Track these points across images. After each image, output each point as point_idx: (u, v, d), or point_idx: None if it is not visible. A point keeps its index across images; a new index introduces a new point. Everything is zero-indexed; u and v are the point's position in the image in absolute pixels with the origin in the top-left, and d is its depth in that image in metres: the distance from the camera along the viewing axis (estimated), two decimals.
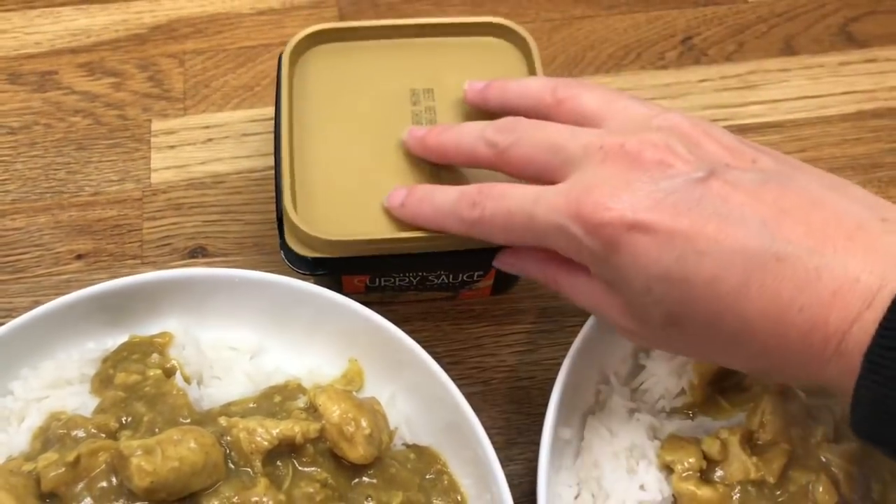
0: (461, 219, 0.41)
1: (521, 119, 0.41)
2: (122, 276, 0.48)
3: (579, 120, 0.40)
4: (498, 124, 0.42)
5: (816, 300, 0.32)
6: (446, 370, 0.48)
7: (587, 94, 0.41)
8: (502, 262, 0.45)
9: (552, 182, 0.39)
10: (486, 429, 0.50)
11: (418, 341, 0.48)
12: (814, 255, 0.33)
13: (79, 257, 0.56)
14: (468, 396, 0.51)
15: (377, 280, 0.50)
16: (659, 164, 0.36)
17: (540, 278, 0.44)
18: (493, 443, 0.50)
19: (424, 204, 0.44)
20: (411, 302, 0.55)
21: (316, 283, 0.50)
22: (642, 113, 0.39)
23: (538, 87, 0.43)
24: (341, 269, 0.47)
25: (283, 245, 0.47)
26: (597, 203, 0.36)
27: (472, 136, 0.43)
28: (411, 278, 0.50)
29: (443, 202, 0.43)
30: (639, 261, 0.35)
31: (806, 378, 0.35)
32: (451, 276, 0.50)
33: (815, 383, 0.34)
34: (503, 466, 0.49)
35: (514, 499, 0.45)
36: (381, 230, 0.46)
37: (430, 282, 0.50)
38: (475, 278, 0.51)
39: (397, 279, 0.50)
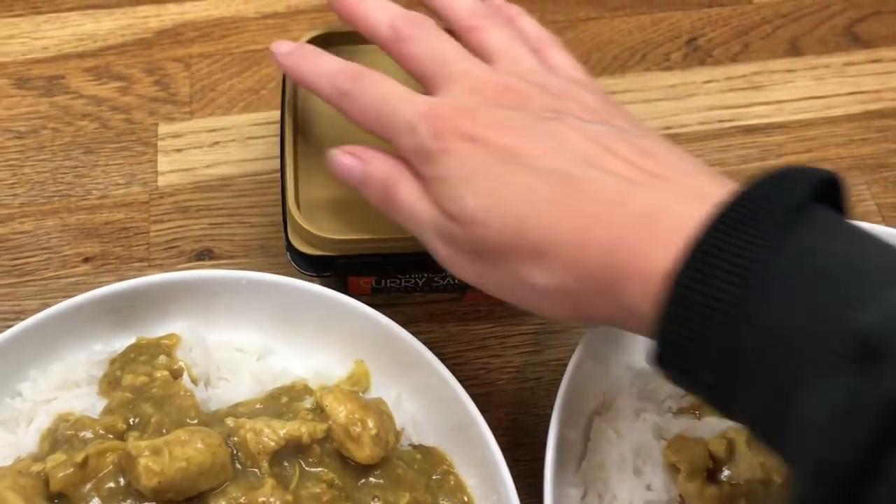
0: (335, 85, 0.43)
1: (433, 23, 0.44)
2: (129, 278, 0.48)
3: (480, 50, 0.43)
4: (410, 15, 0.44)
5: (622, 219, 0.34)
6: (452, 371, 0.48)
7: (495, 32, 0.44)
8: (342, 160, 0.43)
9: (428, 89, 0.42)
10: (492, 430, 0.50)
11: (424, 342, 0.48)
12: (628, 184, 0.35)
13: (86, 260, 0.56)
14: (474, 397, 0.51)
15: (383, 281, 0.50)
16: (517, 103, 0.39)
17: (379, 175, 0.42)
18: (499, 443, 0.50)
19: (308, 61, 0.45)
20: (417, 304, 0.55)
21: (323, 284, 0.50)
22: (529, 67, 0.42)
23: (465, 8, 0.45)
24: (346, 269, 0.47)
25: (289, 246, 0.47)
26: (448, 115, 0.38)
27: (383, 12, 0.44)
28: (417, 279, 0.50)
29: (326, 66, 0.44)
30: (464, 163, 0.37)
31: (607, 306, 0.35)
32: (456, 277, 0.50)
33: (616, 315, 0.35)
34: (509, 467, 0.49)
35: (521, 500, 0.45)
36: (386, 230, 0.46)
37: (436, 283, 0.51)
38: None
39: (403, 280, 0.50)
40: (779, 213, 0.30)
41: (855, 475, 0.26)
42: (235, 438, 0.42)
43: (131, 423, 0.43)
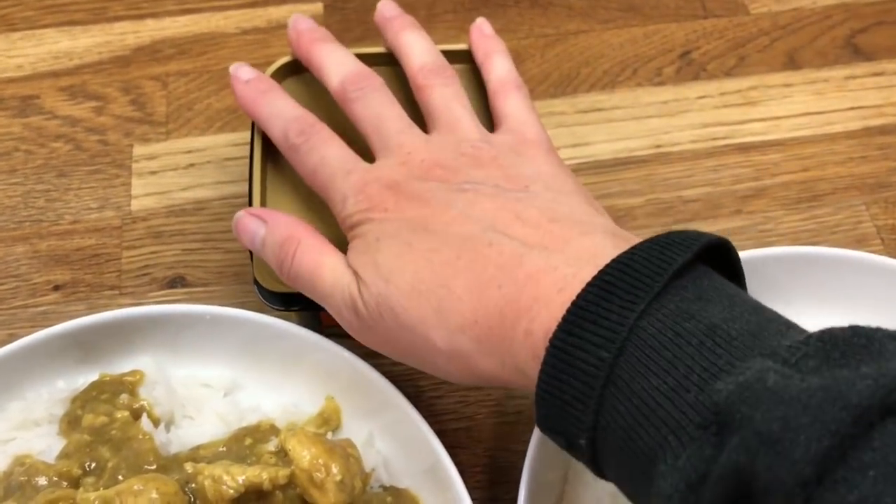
0: (285, 136, 0.44)
1: (381, 84, 0.45)
2: (100, 307, 0.47)
3: (425, 109, 0.45)
4: (361, 74, 0.46)
5: (513, 280, 0.34)
6: (429, 405, 0.46)
7: (439, 91, 0.45)
8: (244, 222, 0.44)
9: (370, 148, 0.44)
10: (469, 467, 0.49)
11: (400, 375, 0.46)
12: (524, 248, 0.35)
13: (56, 288, 0.55)
14: (452, 433, 0.50)
15: None
16: (441, 177, 0.40)
17: (284, 235, 0.42)
18: (477, 482, 0.49)
19: (264, 97, 0.46)
20: None
21: (295, 318, 0.48)
22: (464, 134, 0.43)
23: (418, 63, 0.47)
24: (315, 304, 0.46)
25: (255, 281, 0.45)
26: (375, 192, 0.40)
27: (337, 68, 0.46)
28: None
29: (280, 109, 0.45)
30: (379, 229, 0.39)
31: (502, 367, 0.35)
32: None
33: (509, 377, 0.35)
34: None
35: None
36: None
37: None
38: None
39: None
40: (653, 277, 0.31)
41: None
42: (193, 485, 0.41)
43: (87, 467, 0.42)
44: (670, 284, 0.31)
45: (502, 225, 0.37)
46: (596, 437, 0.31)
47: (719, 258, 0.34)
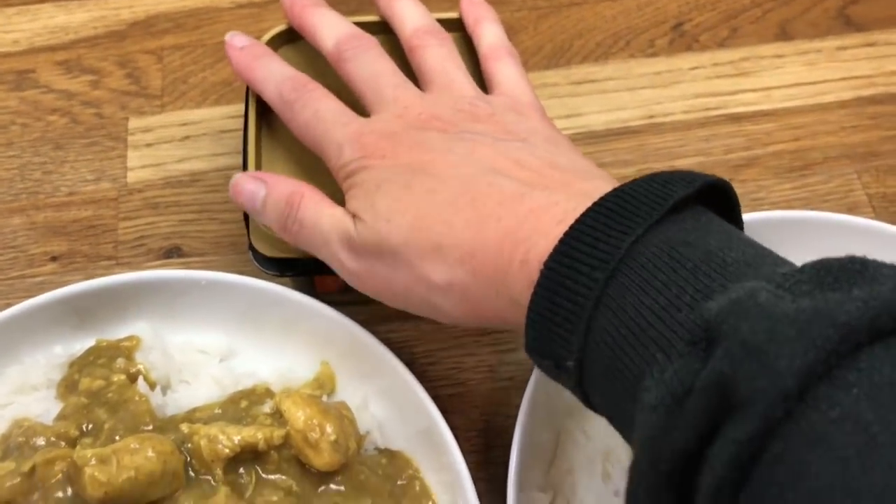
0: (279, 94, 0.45)
1: (375, 44, 0.46)
2: (97, 277, 0.47)
3: (419, 69, 0.46)
4: (355, 35, 0.46)
5: (513, 214, 0.35)
6: (423, 371, 0.47)
7: (433, 52, 0.46)
8: (244, 185, 0.44)
9: (365, 108, 0.44)
10: (464, 431, 0.50)
11: (396, 342, 0.46)
12: (525, 187, 0.36)
13: (53, 259, 0.55)
14: (446, 398, 0.50)
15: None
16: (439, 129, 0.41)
17: (287, 192, 0.43)
18: (471, 445, 0.49)
19: (258, 61, 0.46)
20: None
21: (291, 283, 0.49)
22: (460, 92, 0.43)
23: (411, 25, 0.47)
24: (310, 269, 0.46)
25: (251, 247, 0.46)
26: (372, 141, 0.40)
27: (331, 30, 0.46)
28: None
29: (274, 71, 0.46)
30: (378, 174, 0.39)
31: (498, 300, 0.35)
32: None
33: (507, 315, 0.35)
34: (483, 469, 0.48)
35: (492, 499, 0.44)
36: None
37: None
38: None
39: None
40: (651, 208, 0.31)
41: (680, 461, 0.26)
42: (189, 445, 0.41)
43: (84, 429, 0.42)
44: (668, 216, 0.31)
45: (503, 168, 0.37)
46: (584, 359, 0.31)
47: (719, 204, 0.34)
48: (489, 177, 0.37)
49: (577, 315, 0.31)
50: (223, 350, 0.48)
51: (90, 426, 0.42)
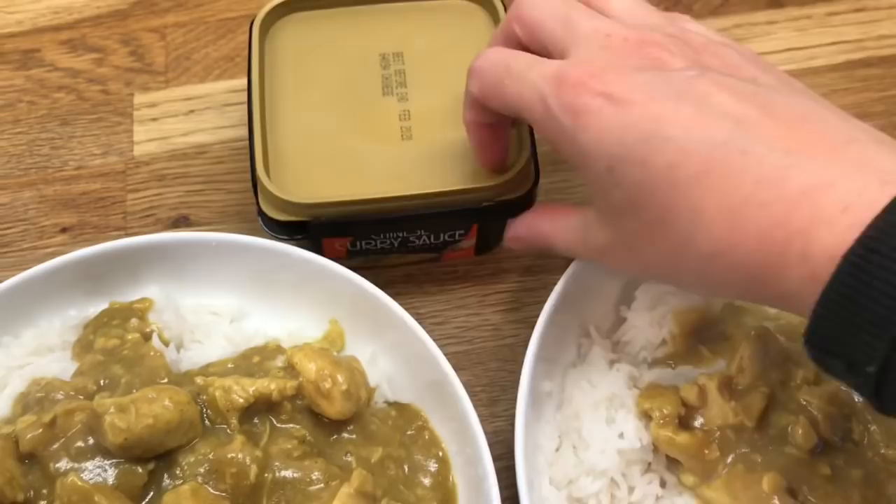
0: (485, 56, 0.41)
1: None
2: None
3: (603, 11, 0.40)
4: None
5: (781, 197, 0.30)
6: (429, 330, 0.48)
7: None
8: (508, 237, 0.47)
9: (556, 57, 0.39)
10: (471, 386, 0.51)
11: (402, 304, 0.48)
12: (786, 156, 0.31)
13: (63, 230, 0.56)
14: (453, 356, 0.52)
15: (358, 243, 0.50)
16: (653, 60, 0.36)
17: (536, 243, 0.45)
18: (478, 400, 0.51)
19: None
20: (395, 266, 0.55)
21: (299, 247, 0.50)
22: (657, 22, 0.40)
23: None
24: (319, 232, 0.47)
25: (260, 211, 0.47)
26: (580, 75, 0.36)
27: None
28: (392, 240, 0.50)
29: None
30: (602, 136, 0.35)
31: (758, 290, 0.32)
32: (431, 237, 0.50)
33: (766, 298, 0.33)
34: (488, 423, 0.49)
35: (498, 453, 0.45)
36: (355, 192, 0.46)
37: (412, 243, 0.50)
38: (457, 237, 0.51)
39: (378, 241, 0.50)
40: None
41: None
42: (204, 396, 0.42)
43: (101, 384, 0.43)
44: None
45: (750, 124, 0.32)
46: (890, 365, 0.28)
47: None
48: (740, 140, 0.32)
49: (888, 319, 0.28)
50: (234, 311, 0.50)
51: (107, 381, 0.43)
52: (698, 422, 0.43)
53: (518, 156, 0.48)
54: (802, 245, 0.30)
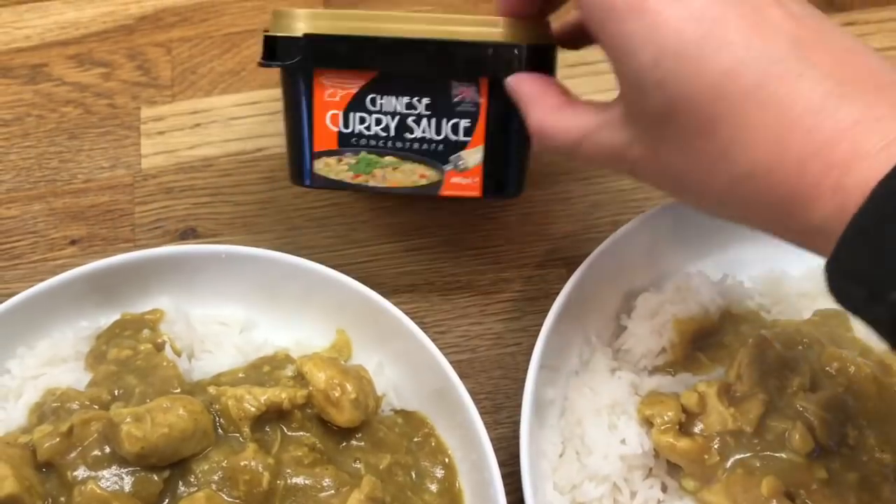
0: None
1: None
2: None
3: None
4: None
5: (828, 127, 0.30)
6: (433, 339, 0.49)
7: None
8: (510, 82, 0.43)
9: None
10: (474, 394, 0.52)
11: (406, 313, 0.49)
12: (839, 86, 0.31)
13: (73, 243, 0.57)
14: (456, 364, 0.52)
15: (351, 117, 0.46)
16: None
17: (532, 91, 0.41)
18: (482, 407, 0.51)
19: None
20: (400, 274, 0.56)
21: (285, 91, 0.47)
22: None
23: None
24: (312, 54, 0.44)
25: (264, 44, 0.46)
26: None
27: None
28: (390, 115, 0.46)
29: None
30: (658, 24, 0.33)
31: (782, 220, 0.32)
32: (433, 122, 0.46)
33: (787, 231, 0.32)
34: (491, 430, 0.50)
35: (502, 460, 0.46)
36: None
37: (410, 133, 0.46)
38: (460, 133, 0.46)
39: (372, 120, 0.46)
40: None
41: None
42: (217, 406, 0.43)
43: (116, 394, 0.44)
44: None
45: (805, 46, 0.32)
46: None
47: None
48: (796, 62, 0.31)
49: None
50: (242, 322, 0.51)
51: (121, 391, 0.44)
52: (698, 428, 0.44)
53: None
54: (838, 177, 0.30)
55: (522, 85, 0.42)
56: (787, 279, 0.52)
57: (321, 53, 0.45)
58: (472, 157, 0.47)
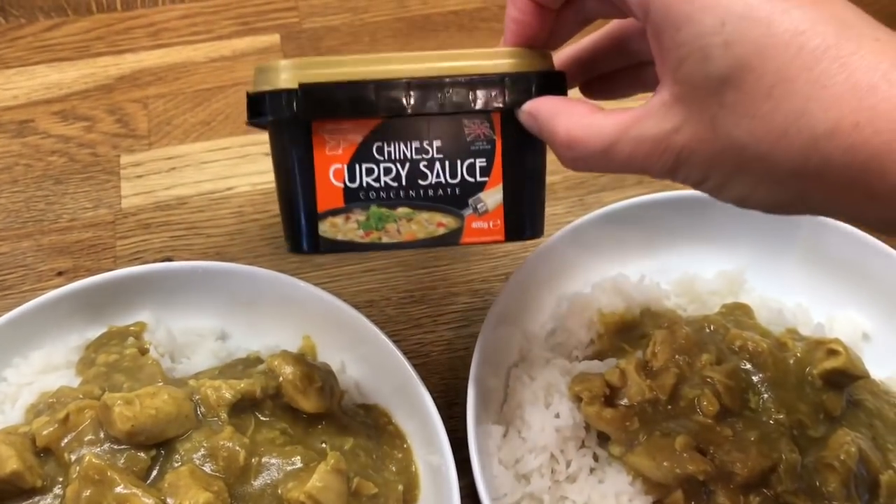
0: None
1: None
2: None
3: None
4: None
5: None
6: None
7: None
8: (526, 108, 0.41)
9: None
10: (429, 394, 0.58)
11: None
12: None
13: (59, 274, 0.63)
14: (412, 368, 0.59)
15: (357, 169, 0.42)
16: None
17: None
18: (435, 404, 0.57)
19: None
20: (359, 291, 0.62)
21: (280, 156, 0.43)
22: None
23: None
24: (307, 105, 0.41)
25: (248, 100, 0.43)
26: None
27: None
28: (399, 163, 0.43)
29: None
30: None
31: (871, 180, 0.30)
32: (448, 165, 0.43)
33: (875, 194, 0.31)
34: (444, 422, 0.56)
35: (454, 443, 0.51)
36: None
37: (424, 178, 0.43)
38: (477, 173, 0.43)
39: (380, 170, 0.42)
40: None
41: None
42: (198, 396, 0.48)
43: (105, 391, 0.49)
44: None
45: (869, 19, 0.32)
46: None
47: None
48: (867, 26, 0.31)
49: None
50: (217, 332, 0.56)
51: (110, 388, 0.49)
52: (622, 400, 0.50)
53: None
54: None
55: (542, 104, 0.40)
56: (698, 280, 0.59)
57: (319, 104, 0.41)
58: (492, 197, 0.44)
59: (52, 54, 0.76)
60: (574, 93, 0.45)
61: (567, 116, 0.39)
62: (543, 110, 0.40)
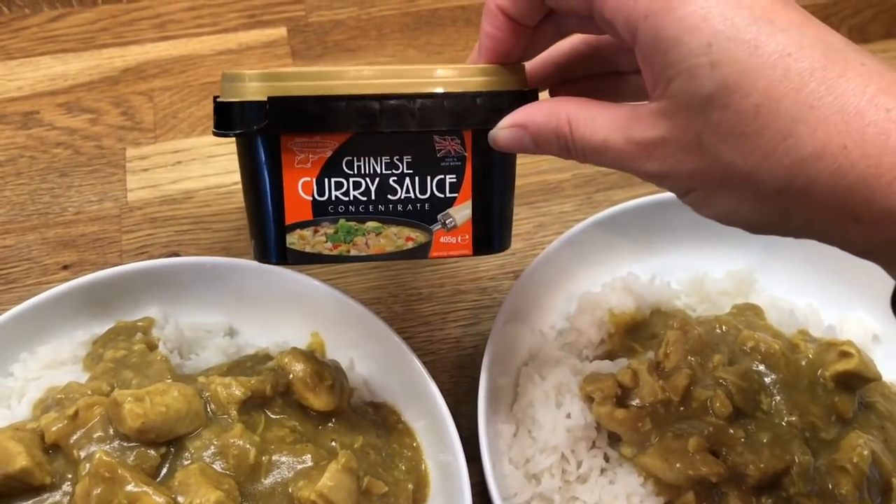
0: None
1: None
2: None
3: None
4: None
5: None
6: None
7: None
8: (508, 123, 0.40)
9: None
10: None
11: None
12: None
13: (65, 268, 0.62)
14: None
15: (326, 183, 0.42)
16: None
17: (551, 125, 0.38)
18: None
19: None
20: (367, 288, 0.62)
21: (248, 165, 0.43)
22: None
23: None
24: (277, 119, 0.40)
25: (216, 109, 0.42)
26: None
27: None
28: (368, 176, 0.43)
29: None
30: (708, 12, 0.32)
31: (858, 204, 0.31)
32: (417, 181, 0.43)
33: (859, 218, 0.31)
34: (454, 420, 0.56)
35: (464, 441, 0.51)
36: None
37: (393, 193, 0.43)
38: (447, 189, 0.44)
39: (350, 184, 0.43)
40: None
41: None
42: (207, 393, 0.48)
43: (114, 386, 0.49)
44: None
45: (854, 45, 0.32)
46: None
47: None
48: (854, 52, 0.32)
49: None
50: (225, 328, 0.56)
51: (119, 384, 0.49)
52: (633, 401, 0.50)
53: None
54: None
55: (533, 124, 0.39)
56: (708, 280, 0.59)
57: (289, 117, 0.40)
58: (461, 213, 0.44)
59: (57, 45, 0.75)
60: (544, 95, 0.44)
61: (574, 119, 0.38)
62: (542, 122, 0.39)
